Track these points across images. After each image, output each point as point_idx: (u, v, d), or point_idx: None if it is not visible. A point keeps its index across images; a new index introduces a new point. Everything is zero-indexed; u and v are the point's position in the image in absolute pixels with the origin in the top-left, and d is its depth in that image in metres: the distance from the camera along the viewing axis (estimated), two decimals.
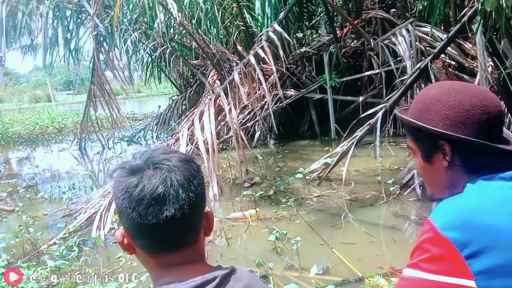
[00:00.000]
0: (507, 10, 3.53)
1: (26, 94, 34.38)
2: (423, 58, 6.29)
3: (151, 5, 6.44)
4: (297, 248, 2.99)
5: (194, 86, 11.40)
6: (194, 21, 8.25)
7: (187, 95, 11.19)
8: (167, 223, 0.81)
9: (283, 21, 6.52)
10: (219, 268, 0.86)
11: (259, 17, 7.89)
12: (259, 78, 5.23)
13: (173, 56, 9.81)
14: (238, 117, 6.88)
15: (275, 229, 3.30)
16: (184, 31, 8.27)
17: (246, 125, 7.86)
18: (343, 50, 7.88)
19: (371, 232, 3.47)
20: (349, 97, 7.87)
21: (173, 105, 11.67)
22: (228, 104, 5.19)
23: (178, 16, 7.12)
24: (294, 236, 3.16)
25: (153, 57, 11.07)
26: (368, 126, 4.85)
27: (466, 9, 5.93)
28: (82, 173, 6.55)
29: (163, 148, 0.90)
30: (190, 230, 0.86)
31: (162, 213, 0.81)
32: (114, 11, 6.49)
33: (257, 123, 7.88)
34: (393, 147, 6.34)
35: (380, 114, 4.82)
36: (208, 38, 8.66)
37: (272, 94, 7.58)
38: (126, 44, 9.53)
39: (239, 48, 8.31)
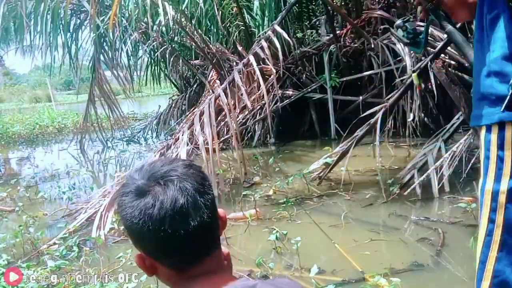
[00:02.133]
0: None
1: (26, 94, 34.36)
2: (423, 58, 6.29)
3: (147, 7, 6.43)
4: (297, 248, 2.99)
5: (194, 86, 11.39)
6: (194, 21, 8.26)
7: (187, 95, 11.19)
8: (193, 233, 0.79)
9: (283, 21, 6.51)
10: (244, 280, 0.85)
11: (258, 17, 7.90)
12: (258, 78, 5.22)
13: (173, 56, 9.81)
14: (238, 117, 6.89)
15: (275, 229, 3.30)
16: (184, 31, 8.27)
17: (246, 125, 7.87)
18: (343, 50, 7.87)
19: (371, 232, 3.47)
20: (349, 97, 7.87)
21: (173, 105, 11.66)
22: (228, 104, 5.19)
23: (177, 17, 7.13)
24: (294, 236, 3.16)
25: (153, 57, 11.08)
26: (368, 126, 4.85)
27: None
28: (82, 173, 6.54)
29: (160, 160, 0.86)
30: (211, 237, 0.85)
31: (187, 224, 0.78)
32: (112, 10, 6.48)
33: (257, 123, 7.88)
34: (393, 147, 6.34)
35: (380, 114, 4.82)
36: (208, 38, 8.67)
37: (272, 94, 7.58)
38: (126, 45, 9.52)
39: (239, 48, 8.31)
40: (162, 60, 10.75)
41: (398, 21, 1.40)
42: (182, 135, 5.09)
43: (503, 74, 1.06)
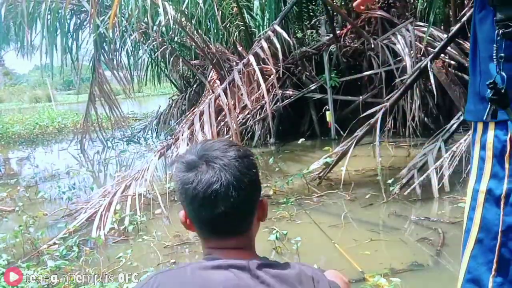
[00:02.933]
0: None
1: (26, 94, 34.39)
2: (423, 58, 6.29)
3: (147, 7, 6.43)
4: (297, 248, 2.99)
5: (194, 86, 11.40)
6: (194, 21, 8.25)
7: (187, 95, 11.19)
8: (218, 218, 0.89)
9: (283, 21, 6.52)
10: (260, 258, 0.96)
11: (258, 17, 7.89)
12: (258, 78, 5.22)
13: (173, 56, 9.82)
14: (238, 117, 6.89)
15: (275, 229, 3.30)
16: (184, 31, 8.27)
17: (246, 125, 7.87)
18: (343, 50, 7.88)
19: (371, 232, 3.47)
20: (349, 97, 7.87)
21: (173, 105, 11.67)
22: (228, 104, 5.19)
23: (177, 17, 7.13)
24: (294, 236, 3.16)
25: (153, 57, 11.08)
26: (368, 126, 4.86)
27: (466, 9, 5.94)
28: (82, 173, 6.54)
29: (220, 142, 0.95)
30: (240, 222, 0.94)
31: (213, 210, 0.89)
32: (112, 10, 6.48)
33: (257, 123, 7.88)
34: (393, 147, 6.34)
35: (380, 114, 4.82)
36: (208, 38, 8.67)
37: (272, 94, 7.58)
38: (126, 45, 9.53)
39: (239, 48, 8.31)
40: (162, 60, 10.75)
41: None
42: (182, 135, 5.09)
43: (488, 74, 1.07)
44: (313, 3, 9.46)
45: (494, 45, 1.03)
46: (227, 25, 8.55)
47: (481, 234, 1.09)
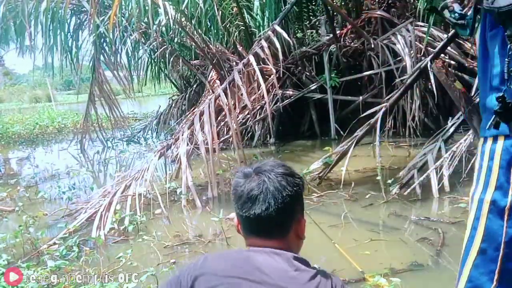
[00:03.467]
0: None
1: (26, 94, 34.35)
2: (423, 58, 6.29)
3: (147, 7, 6.43)
4: None
5: (194, 86, 11.40)
6: (194, 21, 8.25)
7: (187, 95, 11.19)
8: (256, 218, 1.08)
9: (283, 20, 6.52)
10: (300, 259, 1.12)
11: (258, 17, 7.89)
12: (258, 78, 5.22)
13: (173, 56, 9.81)
14: (238, 117, 6.89)
15: None
16: (184, 31, 8.27)
17: (246, 125, 7.87)
18: (343, 50, 7.88)
19: (371, 232, 3.47)
20: (349, 97, 7.87)
21: (173, 105, 11.67)
22: (228, 104, 5.19)
23: (177, 17, 7.13)
24: None
25: (153, 57, 11.08)
26: (368, 126, 4.86)
27: (466, 9, 5.93)
28: (82, 173, 6.54)
29: (275, 162, 1.16)
30: (276, 227, 1.10)
31: (251, 210, 1.08)
32: (112, 10, 6.48)
33: (257, 123, 7.88)
34: (393, 147, 6.34)
35: (380, 114, 4.82)
36: (208, 38, 8.67)
37: (272, 94, 7.58)
38: (126, 45, 9.53)
39: (239, 48, 8.31)
40: (162, 60, 10.74)
41: (446, 1, 1.36)
42: (182, 135, 5.09)
43: (499, 89, 1.08)
44: (313, 3, 9.46)
45: (506, 59, 1.05)
46: (227, 25, 8.56)
47: (484, 244, 1.10)
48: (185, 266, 1.10)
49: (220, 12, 8.23)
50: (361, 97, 7.59)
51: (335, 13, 8.29)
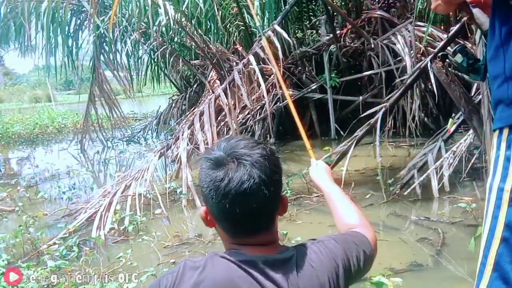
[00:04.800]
0: None
1: (26, 94, 34.36)
2: (423, 58, 6.29)
3: (147, 7, 6.43)
4: None
5: (194, 86, 11.40)
6: (194, 21, 8.26)
7: (187, 95, 11.19)
8: (249, 214, 0.91)
9: (283, 21, 6.52)
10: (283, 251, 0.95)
11: (258, 17, 7.89)
12: (258, 78, 5.22)
13: (173, 56, 9.81)
14: (238, 117, 6.89)
15: None
16: (184, 31, 8.27)
17: (246, 125, 7.86)
18: (343, 50, 7.88)
19: None
20: (349, 97, 7.87)
21: (173, 105, 11.67)
22: (228, 104, 5.19)
23: (177, 17, 7.12)
24: (294, 236, 3.16)
25: (153, 57, 11.08)
26: (368, 126, 4.85)
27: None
28: (82, 173, 6.54)
29: (245, 140, 0.96)
30: (267, 218, 0.95)
31: (245, 206, 0.89)
32: (112, 10, 6.48)
33: (257, 123, 7.88)
34: (393, 147, 6.34)
35: (380, 114, 4.82)
36: (208, 38, 8.66)
37: (272, 94, 7.58)
38: (126, 45, 9.52)
39: (239, 48, 8.31)
40: (162, 60, 10.74)
41: (456, 47, 1.38)
42: (182, 135, 5.09)
43: None
44: (313, 3, 9.46)
45: None
46: (227, 25, 8.55)
47: (506, 233, 1.10)
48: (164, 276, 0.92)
49: (220, 12, 8.23)
50: (361, 97, 7.59)
51: (335, 13, 8.28)
